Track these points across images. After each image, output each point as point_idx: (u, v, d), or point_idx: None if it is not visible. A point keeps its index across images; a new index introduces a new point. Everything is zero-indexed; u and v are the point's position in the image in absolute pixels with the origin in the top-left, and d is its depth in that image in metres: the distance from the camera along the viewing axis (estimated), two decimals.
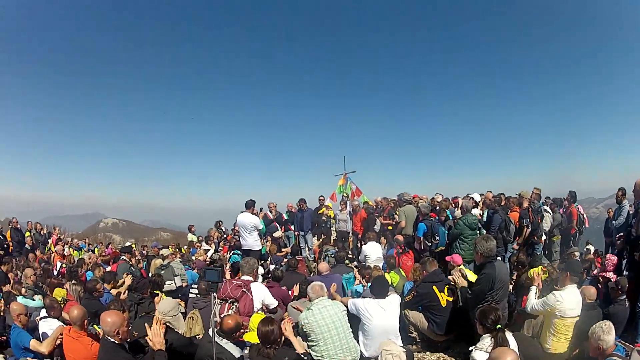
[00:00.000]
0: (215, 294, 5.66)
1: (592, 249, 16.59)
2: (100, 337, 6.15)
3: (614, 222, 11.63)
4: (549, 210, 14.42)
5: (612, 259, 9.71)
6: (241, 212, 12.40)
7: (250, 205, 12.40)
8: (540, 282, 7.73)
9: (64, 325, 6.84)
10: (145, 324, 5.91)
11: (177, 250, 14.83)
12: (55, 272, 14.20)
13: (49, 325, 7.31)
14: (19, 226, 20.03)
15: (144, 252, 16.52)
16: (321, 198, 18.75)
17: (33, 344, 6.52)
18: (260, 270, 10.27)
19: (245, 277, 8.39)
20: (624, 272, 9.06)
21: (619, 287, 8.06)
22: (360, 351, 7.19)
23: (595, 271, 10.92)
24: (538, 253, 13.00)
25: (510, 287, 8.73)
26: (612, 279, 8.80)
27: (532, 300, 7.25)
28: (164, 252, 13.75)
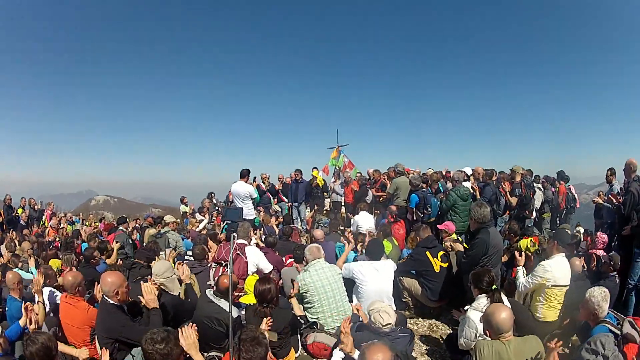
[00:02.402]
0: (235, 234, 5.70)
1: (582, 229, 16.74)
2: (98, 300, 6.21)
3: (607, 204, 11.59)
4: (541, 188, 14.59)
5: (603, 236, 9.77)
6: (235, 182, 12.45)
7: (245, 174, 12.45)
8: (523, 260, 7.73)
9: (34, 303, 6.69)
10: (141, 282, 5.99)
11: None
12: (50, 246, 14.10)
13: (44, 294, 7.25)
14: (12, 204, 19.94)
15: (137, 225, 16.53)
16: (314, 170, 18.67)
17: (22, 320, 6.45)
18: (254, 240, 10.32)
19: (239, 241, 8.50)
20: (613, 251, 9.19)
21: (612, 262, 8.13)
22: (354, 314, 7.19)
23: (586, 249, 11.01)
24: (529, 226, 13.10)
25: (503, 257, 8.81)
26: (601, 256, 8.91)
27: (521, 280, 7.30)
28: (167, 218, 13.72)
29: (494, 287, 5.94)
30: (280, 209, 17.83)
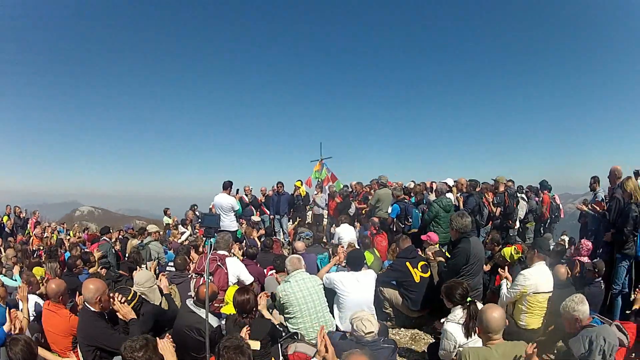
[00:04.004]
0: (211, 240, 5.72)
1: (567, 238, 16.81)
2: (79, 308, 6.21)
3: (590, 211, 11.65)
4: (525, 197, 14.69)
5: (587, 243, 9.82)
6: (218, 194, 12.53)
7: (227, 186, 12.55)
8: (507, 274, 7.66)
9: (18, 310, 6.70)
10: (110, 294, 5.98)
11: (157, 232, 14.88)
12: (34, 255, 14.09)
13: (29, 302, 7.24)
14: None
15: (120, 236, 16.62)
16: (297, 182, 18.87)
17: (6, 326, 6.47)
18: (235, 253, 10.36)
19: (220, 252, 8.46)
20: (598, 258, 9.26)
21: (596, 269, 8.19)
22: (336, 325, 7.32)
23: (570, 257, 11.07)
24: (512, 235, 13.27)
25: (486, 266, 8.89)
26: (585, 263, 8.96)
27: (504, 290, 7.28)
28: (150, 227, 13.79)
29: (469, 299, 5.90)
30: (262, 220, 17.90)
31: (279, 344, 6.26)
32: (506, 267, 7.94)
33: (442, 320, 6.25)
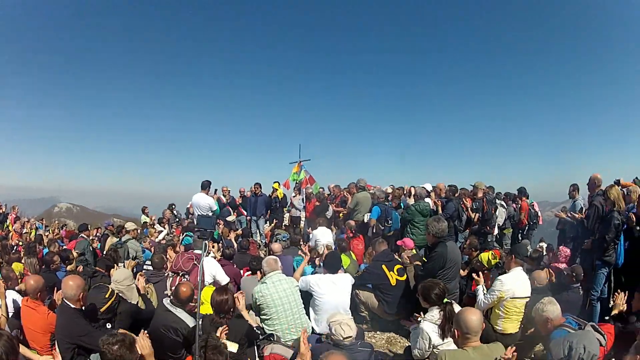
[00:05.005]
0: (207, 242, 5.72)
1: (545, 245, 16.87)
2: (58, 305, 6.21)
3: (568, 218, 11.73)
4: (504, 204, 14.72)
5: (565, 250, 9.87)
6: (196, 193, 12.63)
7: (205, 186, 12.69)
8: (482, 280, 7.65)
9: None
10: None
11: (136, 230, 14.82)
12: (13, 250, 14.02)
13: (8, 298, 7.23)
14: None
15: (98, 234, 16.57)
16: (275, 183, 18.76)
17: None
18: (212, 254, 10.34)
19: (197, 251, 8.53)
20: (577, 262, 9.32)
21: (574, 274, 8.21)
22: (312, 327, 7.30)
23: (548, 263, 11.12)
24: (489, 241, 13.22)
25: (463, 271, 8.96)
26: (563, 269, 9.00)
27: (480, 297, 7.30)
28: (128, 225, 13.72)
29: (445, 300, 5.93)
30: (239, 222, 17.90)
31: (255, 346, 6.29)
32: (481, 273, 7.94)
33: (418, 318, 6.24)
